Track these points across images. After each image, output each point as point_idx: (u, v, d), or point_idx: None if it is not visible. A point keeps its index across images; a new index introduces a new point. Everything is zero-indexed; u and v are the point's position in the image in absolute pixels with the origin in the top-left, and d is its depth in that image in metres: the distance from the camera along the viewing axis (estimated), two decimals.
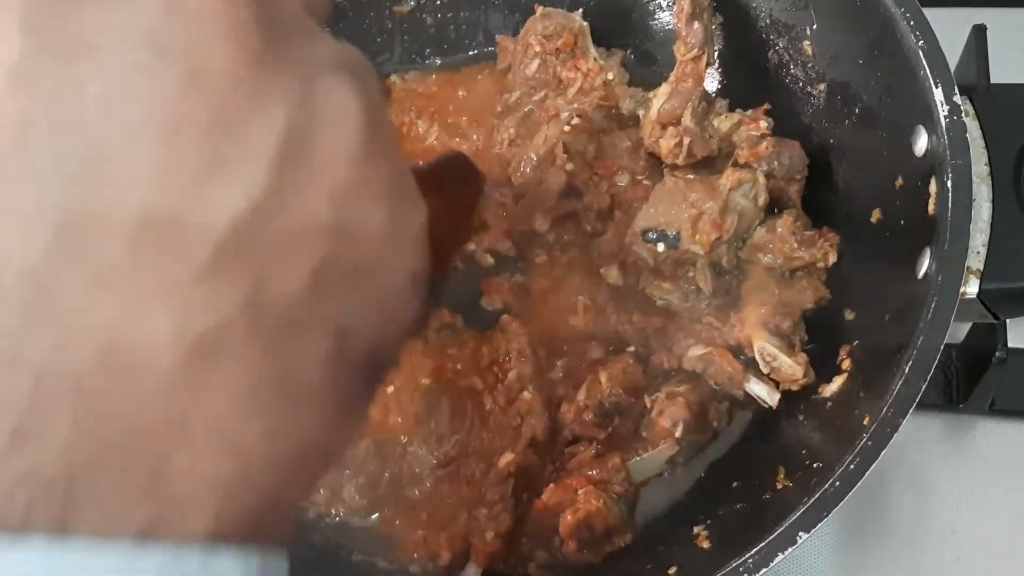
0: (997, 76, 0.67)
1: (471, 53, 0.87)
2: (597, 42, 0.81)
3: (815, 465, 0.57)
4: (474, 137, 0.81)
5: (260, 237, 0.21)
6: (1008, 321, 0.69)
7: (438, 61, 0.87)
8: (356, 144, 0.22)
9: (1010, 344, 0.68)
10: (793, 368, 0.64)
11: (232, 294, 0.20)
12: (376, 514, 0.69)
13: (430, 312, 0.35)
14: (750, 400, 0.67)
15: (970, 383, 0.74)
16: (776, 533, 0.51)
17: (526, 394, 0.68)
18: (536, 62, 0.79)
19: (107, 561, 0.20)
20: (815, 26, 0.72)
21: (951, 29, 0.68)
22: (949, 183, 0.56)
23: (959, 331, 0.75)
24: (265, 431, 0.21)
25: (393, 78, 0.87)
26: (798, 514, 0.51)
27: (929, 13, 0.62)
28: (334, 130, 0.22)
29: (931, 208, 0.58)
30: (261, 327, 0.21)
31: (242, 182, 0.20)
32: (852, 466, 0.52)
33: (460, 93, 0.85)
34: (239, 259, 0.20)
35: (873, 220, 0.66)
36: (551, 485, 0.65)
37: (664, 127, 0.70)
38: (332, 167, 0.22)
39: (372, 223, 0.23)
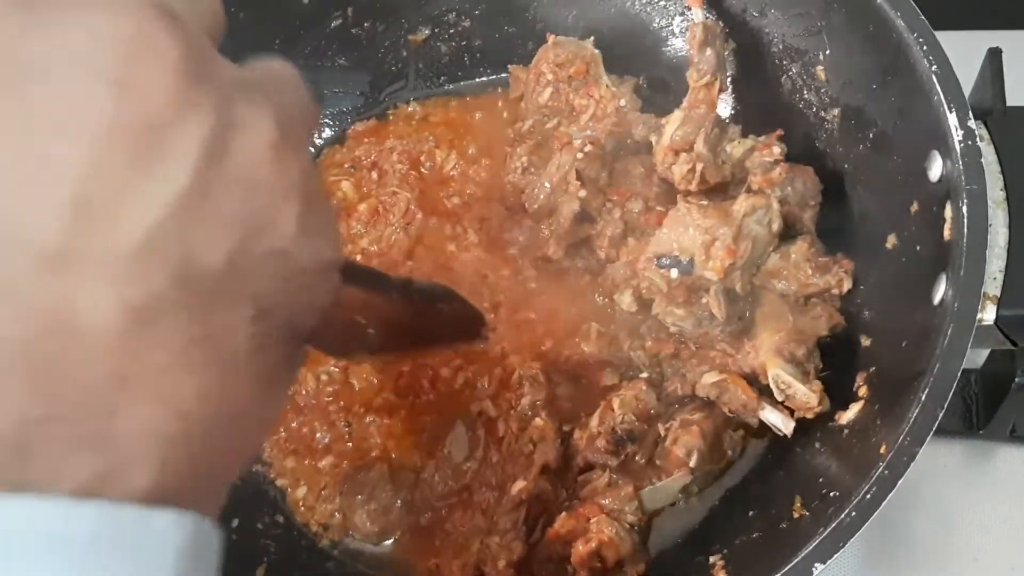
0: (1013, 99, 0.66)
1: (484, 80, 0.88)
2: (609, 69, 0.81)
3: (832, 494, 0.57)
4: (485, 162, 0.81)
5: (184, 224, 0.25)
6: None
7: (452, 88, 0.88)
8: (266, 150, 0.27)
9: None
10: (808, 396, 0.63)
11: (163, 271, 0.24)
12: (389, 541, 0.69)
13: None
14: (765, 428, 0.66)
15: (990, 410, 0.73)
16: (791, 564, 0.50)
17: (539, 420, 0.67)
18: (548, 90, 0.80)
19: (52, 513, 0.23)
20: (828, 51, 0.72)
21: (966, 52, 0.67)
22: (964, 208, 0.56)
23: (978, 357, 0.74)
24: (199, 391, 0.25)
25: (413, 105, 0.87)
26: (813, 545, 0.51)
27: (944, 36, 0.61)
28: (249, 140, 0.27)
29: (947, 234, 0.57)
30: (188, 298, 0.25)
31: (168, 179, 0.24)
32: (868, 496, 0.51)
33: (477, 118, 0.86)
34: (167, 242, 0.24)
35: (888, 246, 0.65)
36: (563, 514, 0.64)
37: (677, 153, 0.70)
38: (246, 169, 0.26)
39: (283, 216, 0.27)
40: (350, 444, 0.72)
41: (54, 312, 0.23)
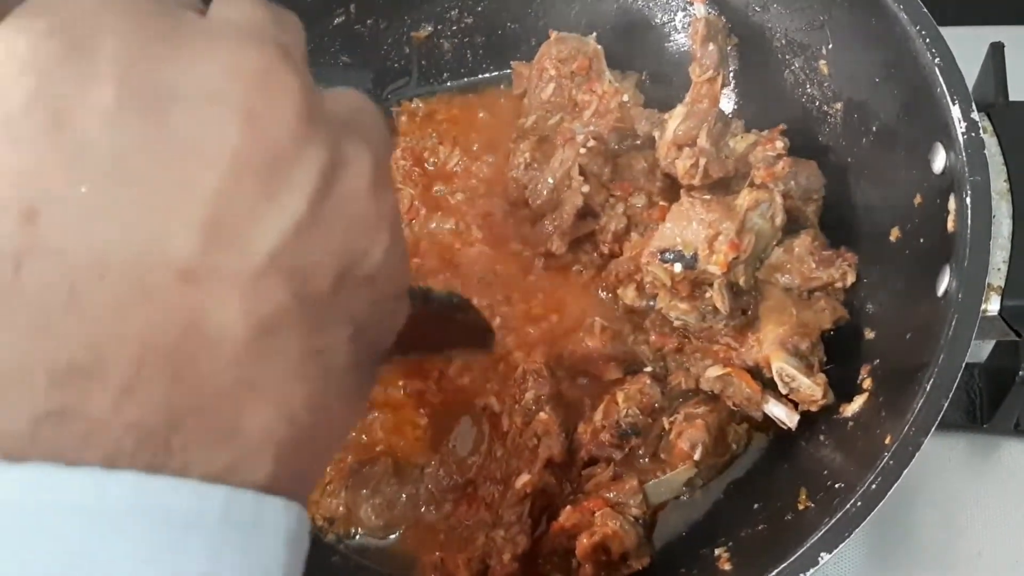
0: (1016, 93, 0.66)
1: (487, 76, 0.88)
2: (612, 65, 0.81)
3: (837, 485, 0.57)
4: (488, 159, 0.81)
5: (300, 249, 0.27)
6: None
7: (455, 84, 0.88)
8: (367, 185, 0.29)
9: None
10: (812, 389, 0.63)
11: (283, 288, 0.26)
12: (394, 535, 0.69)
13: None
14: (769, 421, 0.66)
15: (994, 403, 0.73)
16: (797, 554, 0.51)
17: (543, 415, 0.67)
18: (551, 86, 0.80)
19: (182, 495, 0.25)
20: (831, 45, 0.72)
21: (969, 47, 0.67)
22: (968, 200, 0.56)
23: (982, 350, 0.74)
24: (307, 400, 0.28)
25: (416, 102, 0.88)
26: (819, 535, 0.51)
27: (947, 31, 0.61)
28: (352, 175, 0.29)
29: (950, 225, 0.57)
30: (303, 314, 0.27)
31: (288, 207, 0.27)
32: (874, 486, 0.51)
33: (480, 114, 0.86)
34: (286, 263, 0.27)
35: (892, 238, 0.65)
36: (568, 507, 0.64)
37: (680, 148, 0.70)
38: (350, 202, 0.29)
39: (375, 247, 0.30)
40: (355, 438, 0.72)
41: (190, 320, 0.25)
